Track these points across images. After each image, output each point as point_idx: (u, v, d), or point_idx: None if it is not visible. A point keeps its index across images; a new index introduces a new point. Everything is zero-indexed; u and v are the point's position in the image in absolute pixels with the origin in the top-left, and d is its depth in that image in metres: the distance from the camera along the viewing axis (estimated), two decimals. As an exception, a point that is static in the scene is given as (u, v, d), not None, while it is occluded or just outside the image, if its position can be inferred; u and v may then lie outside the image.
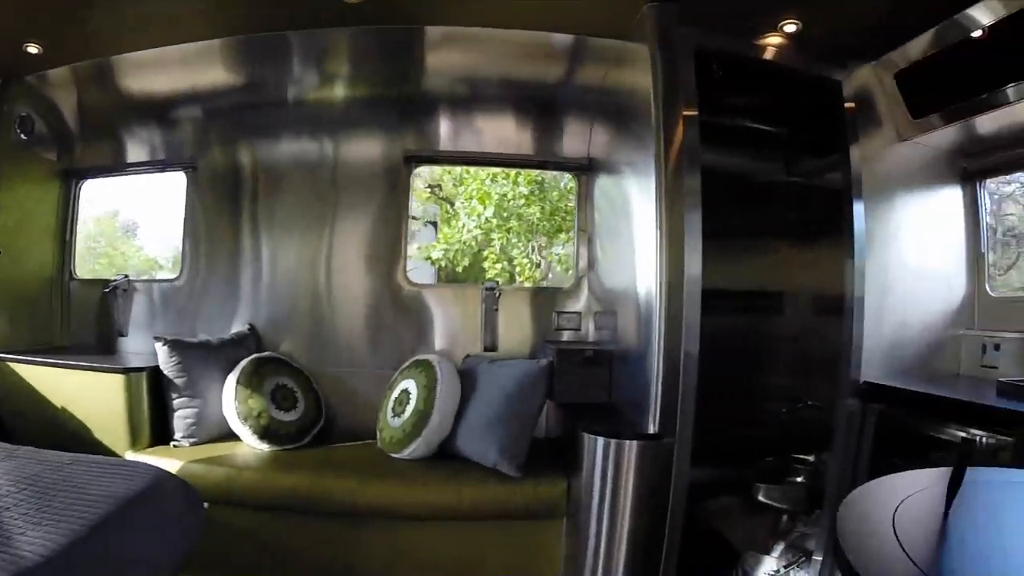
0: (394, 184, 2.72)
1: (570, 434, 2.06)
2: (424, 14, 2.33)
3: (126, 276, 2.81)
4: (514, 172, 4.23)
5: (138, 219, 3.81)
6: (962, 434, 1.95)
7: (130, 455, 2.22)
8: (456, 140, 2.76)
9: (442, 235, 4.71)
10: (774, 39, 2.20)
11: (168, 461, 2.08)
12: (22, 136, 2.63)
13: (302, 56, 2.58)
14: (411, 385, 2.32)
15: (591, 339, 2.66)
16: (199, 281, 2.76)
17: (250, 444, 2.30)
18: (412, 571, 2.05)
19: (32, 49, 2.40)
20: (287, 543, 2.05)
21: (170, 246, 2.84)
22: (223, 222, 2.76)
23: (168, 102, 2.76)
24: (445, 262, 4.55)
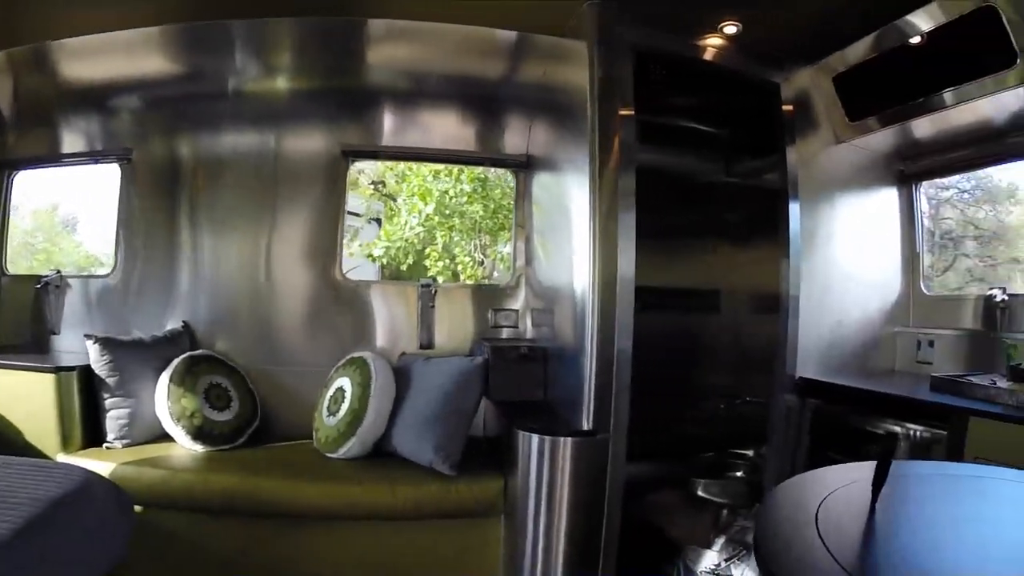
0: (333, 179, 2.66)
1: (507, 432, 2.06)
2: (368, 6, 2.29)
3: (58, 272, 2.69)
4: (457, 169, 4.19)
5: (79, 213, 3.63)
6: (897, 428, 2.01)
7: (61, 457, 2.14)
8: (397, 135, 2.71)
9: (384, 232, 4.64)
10: (714, 40, 2.23)
11: (100, 463, 2.01)
12: (-50, 124, 2.52)
13: (244, 46, 2.51)
14: (346, 383, 2.29)
15: (529, 337, 2.65)
16: (134, 277, 2.66)
17: (184, 445, 2.24)
18: (351, 571, 2.02)
19: (-36, 33, 2.30)
20: (223, 545, 2.00)
21: (110, 242, 2.71)
22: (159, 216, 2.66)
23: (106, 90, 2.66)
24: (388, 259, 4.49)
